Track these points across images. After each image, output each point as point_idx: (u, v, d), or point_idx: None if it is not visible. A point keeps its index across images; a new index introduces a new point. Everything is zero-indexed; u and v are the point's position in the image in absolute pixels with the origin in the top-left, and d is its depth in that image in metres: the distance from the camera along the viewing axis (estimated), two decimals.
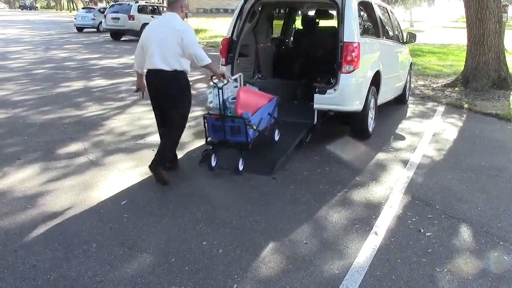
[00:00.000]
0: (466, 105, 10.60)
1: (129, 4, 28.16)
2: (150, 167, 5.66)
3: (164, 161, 5.72)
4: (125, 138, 7.44)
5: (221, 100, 5.88)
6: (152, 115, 6.16)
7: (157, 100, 5.77)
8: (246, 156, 6.11)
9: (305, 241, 4.31)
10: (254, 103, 6.22)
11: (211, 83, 6.00)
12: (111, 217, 4.67)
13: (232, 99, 6.14)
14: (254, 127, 6.03)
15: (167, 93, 5.61)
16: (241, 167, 6.05)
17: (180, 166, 6.15)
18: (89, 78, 13.32)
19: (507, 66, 12.98)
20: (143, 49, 5.70)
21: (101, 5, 60.01)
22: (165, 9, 29.65)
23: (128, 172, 5.98)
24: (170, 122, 5.71)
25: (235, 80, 6.52)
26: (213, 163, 6.13)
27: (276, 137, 6.78)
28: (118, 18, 26.80)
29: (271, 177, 5.85)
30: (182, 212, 4.84)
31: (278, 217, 4.78)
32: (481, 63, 12.58)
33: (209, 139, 6.19)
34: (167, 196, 5.26)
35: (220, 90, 5.84)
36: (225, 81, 5.93)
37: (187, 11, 5.93)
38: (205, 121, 6.08)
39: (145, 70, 5.76)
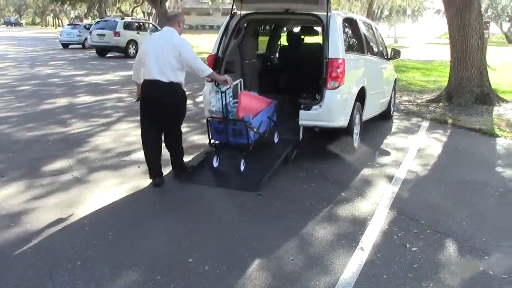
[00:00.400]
0: (450, 120, 10.69)
1: (114, 20, 28.17)
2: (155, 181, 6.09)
3: (183, 168, 6.39)
4: (110, 155, 7.40)
5: (224, 103, 6.23)
6: (137, 131, 6.19)
7: (151, 108, 5.98)
8: (232, 172, 6.26)
9: (291, 258, 4.30)
10: (255, 106, 6.55)
11: (215, 88, 6.43)
12: (96, 235, 4.64)
13: (233, 104, 6.50)
14: (255, 130, 6.36)
15: (162, 102, 5.87)
16: (242, 167, 6.38)
17: (165, 181, 6.15)
18: (74, 94, 13.27)
19: (489, 82, 13.13)
20: (141, 60, 6.00)
21: (86, 21, 60.02)
22: (150, 25, 29.79)
23: (113, 189, 5.95)
24: (171, 124, 6.09)
25: (235, 86, 6.70)
26: (215, 164, 6.55)
27: (276, 139, 7.03)
28: (104, 35, 26.72)
29: (256, 194, 5.83)
30: (167, 229, 4.82)
31: (264, 233, 4.77)
32: (464, 79, 12.70)
33: (212, 141, 6.55)
34: (152, 213, 5.23)
35: (223, 94, 6.22)
36: (228, 86, 6.29)
37: (184, 26, 6.22)
38: (208, 124, 6.47)
39: (142, 80, 6.02)
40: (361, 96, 7.72)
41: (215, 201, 5.64)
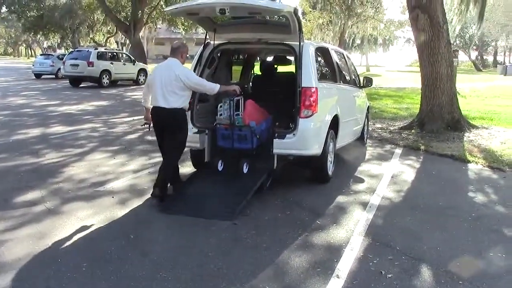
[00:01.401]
0: (422, 147, 10.83)
1: (88, 50, 28.04)
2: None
3: (165, 182, 6.64)
4: (84, 186, 7.32)
5: (232, 111, 6.95)
6: (111, 161, 6.16)
7: (160, 130, 6.69)
8: (207, 201, 6.32)
9: (267, 287, 4.28)
10: (258, 115, 7.24)
11: (223, 99, 7.15)
12: (69, 267, 4.56)
13: (236, 115, 7.06)
14: (258, 136, 6.97)
15: (167, 125, 6.55)
16: (245, 170, 7.01)
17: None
18: (47, 125, 13.16)
19: (459, 109, 13.36)
20: (149, 88, 6.75)
21: (60, 51, 59.72)
22: (124, 55, 29.82)
23: (87, 220, 5.87)
24: (168, 148, 6.67)
25: (237, 101, 7.17)
26: (220, 168, 7.19)
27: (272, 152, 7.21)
28: (77, 65, 26.60)
29: (231, 223, 5.82)
30: (142, 260, 4.76)
31: (239, 262, 4.75)
32: (435, 106, 12.90)
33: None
34: (126, 244, 5.16)
35: (231, 102, 6.95)
36: (237, 95, 7.03)
37: (187, 56, 6.93)
38: (215, 130, 7.25)
39: (150, 106, 6.73)
40: (334, 124, 7.79)
41: (190, 230, 5.60)
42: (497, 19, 58.03)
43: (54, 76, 33.55)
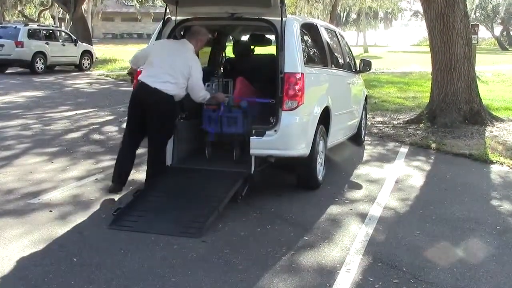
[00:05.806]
0: (433, 145, 10.94)
1: (16, 27, 27.58)
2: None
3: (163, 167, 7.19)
4: (12, 198, 7.25)
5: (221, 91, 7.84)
6: (48, 167, 6.13)
7: (137, 111, 6.95)
8: (168, 214, 6.34)
9: None
10: (249, 96, 7.64)
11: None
12: None
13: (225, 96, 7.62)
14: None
15: (152, 109, 6.82)
16: (235, 156, 7.50)
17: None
18: None
19: (480, 97, 13.45)
20: (146, 56, 7.10)
21: None
22: (63, 33, 29.58)
23: (17, 241, 5.80)
24: (153, 140, 6.98)
25: (227, 83, 8.28)
26: (207, 154, 7.68)
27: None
28: (2, 45, 26.05)
29: (200, 240, 5.82)
30: None
31: None
32: (450, 94, 12.99)
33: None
34: (68, 270, 5.13)
35: (220, 82, 8.09)
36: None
37: (201, 46, 7.40)
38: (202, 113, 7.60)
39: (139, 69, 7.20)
40: (325, 118, 7.85)
41: (148, 251, 5.59)
42: None
43: None
